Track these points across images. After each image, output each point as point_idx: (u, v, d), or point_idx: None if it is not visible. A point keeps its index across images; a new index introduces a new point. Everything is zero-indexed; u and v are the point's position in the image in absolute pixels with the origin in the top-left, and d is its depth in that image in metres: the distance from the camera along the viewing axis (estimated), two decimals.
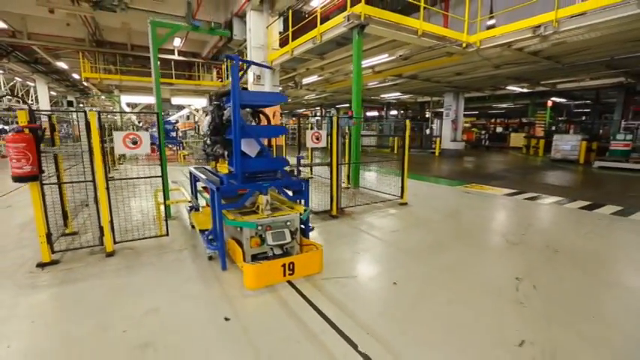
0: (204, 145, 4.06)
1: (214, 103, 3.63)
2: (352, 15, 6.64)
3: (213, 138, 3.63)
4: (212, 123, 3.61)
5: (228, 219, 3.17)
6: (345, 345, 2.20)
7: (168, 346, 2.20)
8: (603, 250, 4.05)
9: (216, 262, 3.48)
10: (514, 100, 23.11)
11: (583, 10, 6.59)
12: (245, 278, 2.97)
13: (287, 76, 13.04)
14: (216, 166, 4.17)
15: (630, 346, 2.21)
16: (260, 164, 3.49)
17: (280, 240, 3.19)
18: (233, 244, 3.33)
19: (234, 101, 3.08)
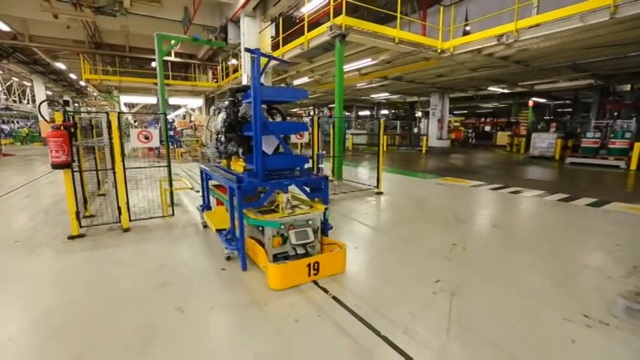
0: (216, 143, 4.02)
1: (229, 99, 3.56)
2: (334, 25, 7.46)
3: (228, 135, 3.57)
4: (227, 120, 3.55)
5: (250, 218, 3.10)
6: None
7: (180, 284, 3.02)
8: (535, 227, 4.92)
9: (234, 262, 3.42)
10: (499, 100, 24.15)
11: (537, 22, 7.47)
12: (270, 278, 2.88)
13: (279, 77, 13.83)
14: (228, 164, 4.12)
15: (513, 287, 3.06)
16: (281, 162, 3.40)
17: (303, 239, 3.11)
18: (252, 243, 3.23)
19: (255, 97, 2.93)
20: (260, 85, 3.02)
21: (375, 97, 21.62)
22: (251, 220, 3.11)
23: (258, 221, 3.09)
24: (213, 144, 4.11)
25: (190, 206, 5.98)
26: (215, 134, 4.09)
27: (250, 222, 3.14)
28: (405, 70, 12.02)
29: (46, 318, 2.50)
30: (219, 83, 17.86)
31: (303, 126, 4.03)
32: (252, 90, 2.96)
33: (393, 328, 2.34)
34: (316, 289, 2.93)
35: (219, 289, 2.94)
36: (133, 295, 2.84)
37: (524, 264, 3.52)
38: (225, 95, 18.72)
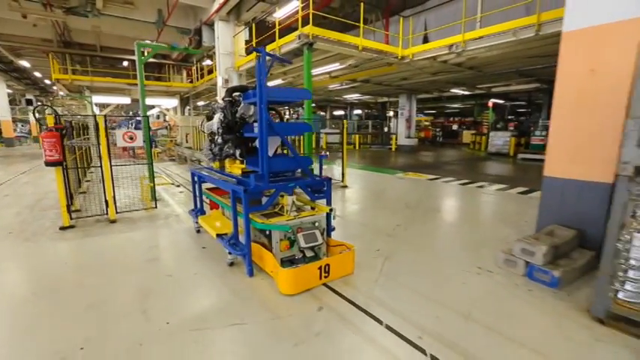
0: (210, 145, 3.95)
1: (226, 99, 3.48)
2: (302, 34, 8.17)
3: (225, 137, 3.47)
4: (224, 121, 3.45)
5: (257, 222, 3.01)
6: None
7: (168, 259, 3.64)
8: (468, 210, 5.89)
9: (238, 268, 3.34)
10: (463, 101, 25.82)
11: (480, 35, 8.55)
12: (282, 283, 2.83)
13: (253, 79, 14.35)
14: (222, 166, 4.03)
15: (433, 253, 3.91)
16: (286, 163, 3.33)
17: (312, 242, 3.06)
18: (258, 248, 3.15)
19: (260, 97, 2.82)
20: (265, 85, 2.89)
21: (348, 97, 22.54)
22: (259, 225, 2.99)
23: (266, 225, 2.97)
24: (207, 146, 4.04)
25: (170, 200, 6.50)
26: (209, 136, 4.00)
27: (258, 226, 3.01)
28: (372, 74, 12.94)
29: (60, 283, 3.09)
30: (194, 84, 18.09)
31: (308, 126, 3.75)
32: (257, 90, 2.84)
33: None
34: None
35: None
36: (129, 267, 3.44)
37: (448, 237, 4.41)
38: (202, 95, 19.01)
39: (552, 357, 2.09)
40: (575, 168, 3.28)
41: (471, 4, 9.37)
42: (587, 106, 3.18)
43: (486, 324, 2.44)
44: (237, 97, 3.56)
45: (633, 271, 2.26)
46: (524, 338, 2.27)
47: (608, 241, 2.33)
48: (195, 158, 11.78)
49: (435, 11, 11.66)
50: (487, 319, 2.50)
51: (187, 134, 18.37)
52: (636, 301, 2.26)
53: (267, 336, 2.32)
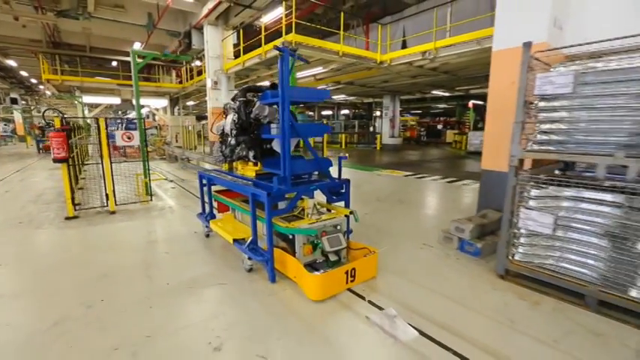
0: (220, 146, 3.95)
1: (240, 99, 3.43)
2: (286, 41, 8.83)
3: (240, 138, 3.41)
4: (238, 122, 3.39)
5: (281, 227, 2.94)
6: None
7: (167, 240, 4.28)
8: (427, 199, 6.66)
9: (257, 274, 3.27)
10: (446, 101, 26.85)
11: (450, 43, 9.35)
12: (310, 289, 2.79)
13: (241, 81, 14.94)
14: (231, 168, 4.05)
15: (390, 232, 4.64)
16: (307, 165, 3.31)
17: (337, 245, 3.03)
18: (280, 253, 3.10)
19: (283, 97, 2.76)
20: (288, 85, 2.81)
21: (335, 98, 23.26)
22: (283, 229, 2.93)
23: (291, 229, 2.91)
24: (217, 147, 4.05)
25: (164, 195, 7.10)
26: (219, 137, 3.98)
27: (283, 230, 2.95)
28: (354, 77, 13.67)
29: (75, 258, 3.70)
30: (184, 84, 18.52)
31: (327, 128, 3.71)
32: (280, 90, 2.78)
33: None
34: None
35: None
36: (132, 248, 4.07)
37: (408, 222, 5.15)
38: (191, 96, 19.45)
39: (462, 301, 2.82)
40: (497, 162, 4.05)
41: (441, 15, 10.18)
42: (505, 112, 3.94)
43: (419, 282, 3.16)
44: (251, 97, 3.53)
45: (522, 238, 3.02)
46: (445, 290, 3.00)
47: (504, 216, 3.08)
48: (185, 157, 12.31)
49: (412, 19, 12.46)
50: (421, 279, 3.22)
51: (177, 134, 18.82)
52: (525, 260, 3.01)
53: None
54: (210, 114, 13.25)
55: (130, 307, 2.73)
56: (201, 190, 4.38)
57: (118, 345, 2.25)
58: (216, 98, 12.94)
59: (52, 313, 2.63)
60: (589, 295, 2.61)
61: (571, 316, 2.57)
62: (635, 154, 2.36)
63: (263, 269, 3.29)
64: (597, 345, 2.25)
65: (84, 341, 2.31)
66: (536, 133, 2.92)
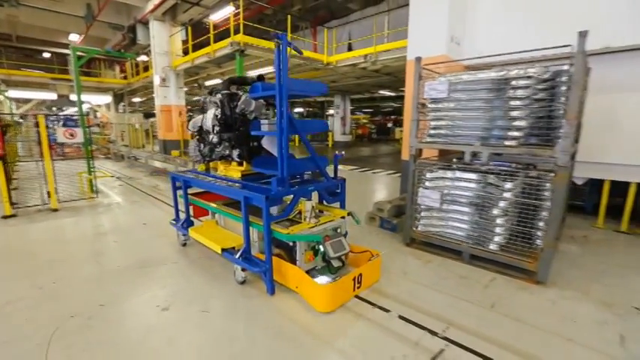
0: (198, 145, 3.62)
1: (223, 92, 3.12)
2: (234, 42, 9.12)
3: (224, 135, 3.14)
4: (222, 117, 3.10)
5: (282, 233, 2.70)
6: None
7: (116, 231, 4.49)
8: (366, 188, 7.46)
9: (250, 286, 2.97)
10: (394, 100, 28.57)
11: (388, 48, 10.30)
12: (318, 300, 2.59)
13: (191, 78, 14.79)
14: (207, 168, 3.77)
15: None
16: (305, 165, 3.11)
17: (340, 250, 2.84)
18: (278, 262, 2.84)
19: (280, 90, 2.54)
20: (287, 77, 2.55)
21: None
22: (285, 236, 2.70)
23: (293, 236, 2.69)
24: (194, 146, 3.69)
25: (110, 192, 7.09)
26: (196, 134, 3.63)
27: (284, 237, 2.72)
28: (303, 77, 14.26)
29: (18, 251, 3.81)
30: (129, 80, 17.74)
31: (325, 124, 3.57)
32: (277, 82, 2.54)
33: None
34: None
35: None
36: (79, 239, 4.24)
37: None
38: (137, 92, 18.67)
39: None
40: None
41: (381, 22, 11.13)
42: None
43: None
44: (234, 89, 3.24)
45: (423, 212, 3.80)
46: None
47: (407, 195, 3.84)
48: (131, 155, 11.98)
49: (357, 24, 13.34)
50: None
51: (123, 132, 17.98)
52: (423, 230, 3.80)
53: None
54: (159, 112, 13.01)
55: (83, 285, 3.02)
56: (175, 194, 3.93)
57: (74, 313, 2.57)
58: (165, 96, 12.75)
59: (4, 296, 2.83)
60: (464, 251, 3.44)
61: (450, 268, 3.37)
62: (487, 144, 3.21)
63: (257, 280, 3.04)
64: (462, 284, 3.05)
65: (40, 313, 2.59)
66: (429, 128, 3.71)
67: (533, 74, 2.94)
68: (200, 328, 2.40)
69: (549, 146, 2.91)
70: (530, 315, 2.55)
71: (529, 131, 3.09)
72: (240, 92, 3.23)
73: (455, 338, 2.27)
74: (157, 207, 5.89)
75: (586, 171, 4.67)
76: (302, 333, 2.35)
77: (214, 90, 3.37)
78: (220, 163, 3.54)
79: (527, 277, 3.09)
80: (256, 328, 2.40)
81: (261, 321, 2.49)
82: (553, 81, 2.96)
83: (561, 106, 2.90)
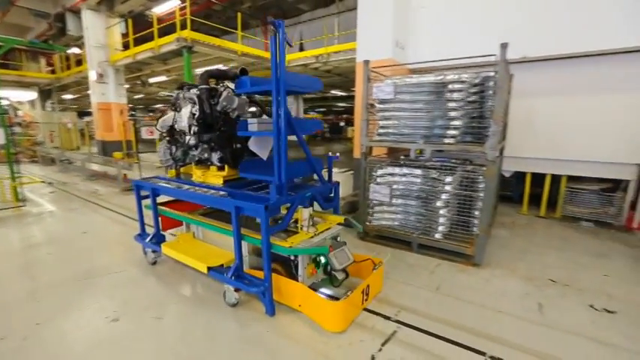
0: (168, 147, 3.22)
1: (202, 87, 2.80)
2: (180, 38, 8.70)
3: (205, 136, 2.82)
4: (200, 116, 2.76)
5: (283, 247, 2.42)
6: None
7: (51, 242, 4.07)
8: None
9: (245, 309, 2.63)
10: (346, 100, 29.35)
11: (338, 50, 10.59)
12: (327, 319, 2.36)
13: (133, 75, 13.77)
14: (178, 174, 3.40)
15: None
16: (303, 169, 2.82)
17: (345, 261, 2.62)
18: (276, 278, 2.56)
19: (277, 85, 2.26)
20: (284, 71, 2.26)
21: None
22: (286, 250, 2.41)
23: (297, 249, 2.43)
24: (164, 148, 3.25)
25: (41, 200, 6.38)
26: (166, 135, 3.24)
27: (285, 252, 2.44)
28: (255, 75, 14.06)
29: None
30: (58, 75, 15.95)
31: (320, 123, 3.37)
32: (274, 76, 2.26)
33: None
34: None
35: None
36: (8, 253, 3.78)
37: None
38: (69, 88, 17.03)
39: None
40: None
41: (330, 24, 11.41)
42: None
43: None
44: (216, 85, 2.91)
45: (375, 207, 4.02)
46: None
47: (360, 191, 4.05)
48: (64, 158, 10.83)
49: (308, 24, 13.50)
50: None
51: (52, 132, 16.15)
52: (376, 224, 4.03)
53: None
54: (96, 110, 11.93)
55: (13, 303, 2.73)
56: (139, 204, 3.47)
57: (4, 335, 2.32)
58: (103, 93, 11.74)
59: None
60: (412, 241, 3.73)
61: (401, 258, 3.63)
62: (429, 142, 3.51)
63: (250, 300, 2.72)
64: (410, 271, 3.31)
65: None
66: (378, 128, 3.94)
67: (466, 79, 3.29)
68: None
69: (481, 143, 3.28)
70: (468, 293, 2.87)
71: (464, 130, 3.45)
72: (221, 88, 2.90)
73: (405, 320, 2.48)
74: (98, 214, 5.44)
75: (512, 165, 5.30)
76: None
77: (186, 85, 3.07)
78: (196, 168, 3.19)
79: (466, 260, 3.45)
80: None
81: (267, 351, 2.14)
82: (482, 85, 3.34)
83: (490, 107, 3.28)
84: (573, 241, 4.19)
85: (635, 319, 2.55)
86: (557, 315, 2.57)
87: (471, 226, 3.54)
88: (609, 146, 4.53)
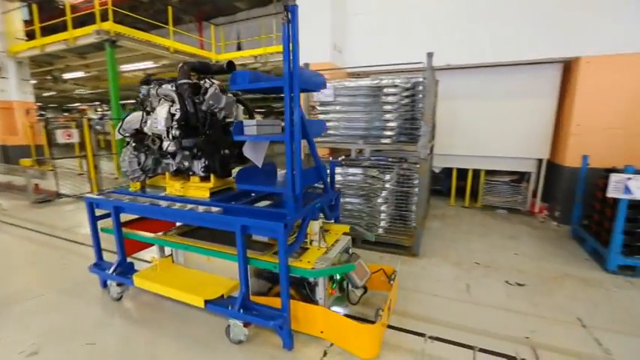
0: (136, 155, 2.70)
1: (183, 82, 2.43)
2: (101, 30, 7.84)
3: (189, 141, 2.42)
4: (182, 116, 2.33)
5: (304, 270, 2.14)
6: None
7: None
8: None
9: (255, 344, 2.23)
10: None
11: (278, 51, 10.55)
12: (359, 345, 2.11)
13: (42, 69, 12.01)
14: (143, 187, 2.89)
15: None
16: (311, 176, 2.51)
17: (365, 276, 2.41)
18: (294, 305, 2.22)
19: (292, 81, 1.96)
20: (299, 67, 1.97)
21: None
22: (308, 272, 2.13)
23: (320, 271, 2.14)
24: (129, 156, 2.70)
25: None
26: (130, 139, 2.75)
27: (308, 274, 2.15)
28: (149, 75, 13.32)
29: None
30: None
31: (324, 125, 3.04)
32: (286, 71, 1.94)
33: None
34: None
35: None
36: None
37: None
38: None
39: None
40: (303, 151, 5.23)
41: (269, 24, 11.34)
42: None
43: None
44: (198, 80, 2.52)
45: None
46: None
47: None
48: None
49: (245, 23, 13.20)
50: None
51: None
52: None
53: None
54: None
55: None
56: (94, 226, 2.87)
57: None
58: (2, 89, 10.03)
59: None
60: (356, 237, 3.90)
61: None
62: (368, 142, 3.72)
63: (259, 332, 2.32)
64: None
65: None
66: None
67: (399, 84, 3.56)
68: None
69: (414, 143, 3.58)
70: (409, 282, 3.11)
71: (399, 130, 3.73)
72: (206, 83, 2.52)
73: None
74: (4, 232, 4.65)
75: (441, 161, 5.86)
76: None
77: (153, 79, 2.64)
78: (172, 180, 2.68)
79: (406, 252, 3.73)
80: None
81: None
82: (413, 89, 3.64)
83: (420, 110, 3.60)
84: (492, 227, 4.80)
85: (539, 288, 3.03)
86: (481, 293, 2.93)
87: (408, 220, 3.84)
88: (516, 144, 5.28)
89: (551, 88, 4.94)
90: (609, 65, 4.29)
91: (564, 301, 2.81)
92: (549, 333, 2.39)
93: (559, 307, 2.73)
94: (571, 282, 3.16)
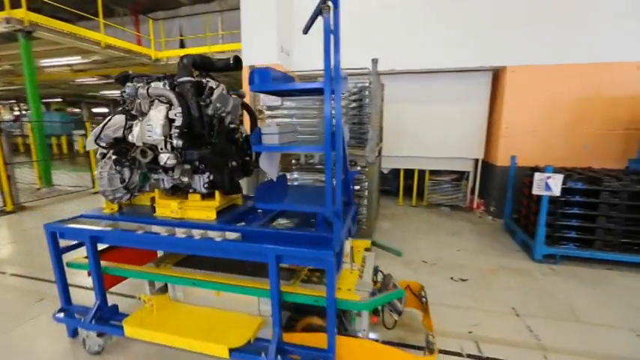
0: (120, 171, 2.22)
1: (183, 80, 1.99)
2: (12, 19, 6.82)
3: (194, 152, 2.00)
4: (185, 121, 1.93)
5: (354, 302, 1.86)
6: None
7: None
8: None
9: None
10: None
11: (223, 50, 10.12)
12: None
13: None
14: (121, 207, 2.39)
15: None
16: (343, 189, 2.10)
17: (403, 298, 2.16)
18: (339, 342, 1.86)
19: (331, 82, 1.67)
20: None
21: (109, 94, 19.80)
22: (359, 305, 1.87)
23: (373, 302, 1.89)
24: (109, 171, 2.22)
25: None
26: (108, 151, 2.25)
27: (360, 308, 1.89)
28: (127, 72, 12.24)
29: None
30: None
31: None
32: (326, 71, 1.64)
33: None
34: None
35: None
36: None
37: None
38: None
39: None
40: None
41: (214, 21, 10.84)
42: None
43: None
44: (201, 80, 2.10)
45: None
46: None
47: None
48: None
49: (188, 19, 12.46)
50: None
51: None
52: None
53: None
54: None
55: None
56: (57, 262, 2.30)
57: None
58: None
59: None
60: None
61: None
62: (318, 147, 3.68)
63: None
64: None
65: None
66: None
67: (347, 88, 3.57)
68: None
69: (362, 147, 3.62)
70: None
71: (349, 135, 3.75)
72: (211, 82, 2.10)
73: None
74: None
75: (389, 163, 6.06)
76: None
77: (136, 76, 2.18)
78: (162, 198, 2.19)
79: None
80: None
81: None
82: (360, 94, 3.69)
83: (367, 114, 3.65)
84: (437, 224, 5.08)
85: (479, 282, 3.24)
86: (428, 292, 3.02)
87: (360, 222, 3.88)
88: (455, 145, 5.65)
89: (483, 94, 5.37)
90: (530, 74, 4.77)
91: (500, 293, 3.04)
92: (489, 325, 2.55)
93: (496, 298, 2.94)
94: (505, 273, 3.43)
